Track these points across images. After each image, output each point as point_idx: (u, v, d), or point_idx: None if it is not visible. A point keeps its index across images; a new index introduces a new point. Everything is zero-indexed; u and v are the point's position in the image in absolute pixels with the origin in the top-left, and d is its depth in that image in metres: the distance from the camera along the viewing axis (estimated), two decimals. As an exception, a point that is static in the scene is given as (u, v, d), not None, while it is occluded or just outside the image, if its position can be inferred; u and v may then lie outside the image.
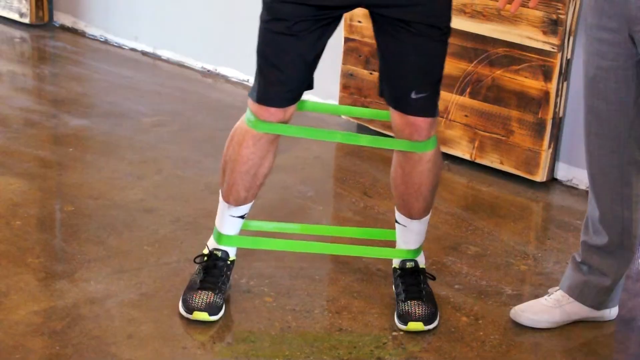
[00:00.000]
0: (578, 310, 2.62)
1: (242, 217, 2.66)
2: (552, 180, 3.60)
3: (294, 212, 3.24)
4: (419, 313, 2.56)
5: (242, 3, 4.40)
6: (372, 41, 3.83)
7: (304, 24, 2.37)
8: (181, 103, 4.25)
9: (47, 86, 4.48)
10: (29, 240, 2.97)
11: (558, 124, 3.52)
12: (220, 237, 2.67)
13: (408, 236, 2.67)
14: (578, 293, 2.61)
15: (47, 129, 3.90)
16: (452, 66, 3.65)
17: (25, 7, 5.18)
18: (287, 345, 2.50)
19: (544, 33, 3.40)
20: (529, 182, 3.57)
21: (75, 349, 2.44)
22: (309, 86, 2.52)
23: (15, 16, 5.24)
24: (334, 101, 4.10)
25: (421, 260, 2.71)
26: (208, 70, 4.66)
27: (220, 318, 2.59)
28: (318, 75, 2.53)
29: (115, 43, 5.08)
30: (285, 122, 2.52)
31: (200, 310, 2.55)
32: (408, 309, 2.57)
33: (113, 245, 2.95)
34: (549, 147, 3.51)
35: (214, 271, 2.63)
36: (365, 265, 2.92)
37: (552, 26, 3.38)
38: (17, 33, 5.16)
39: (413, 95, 2.42)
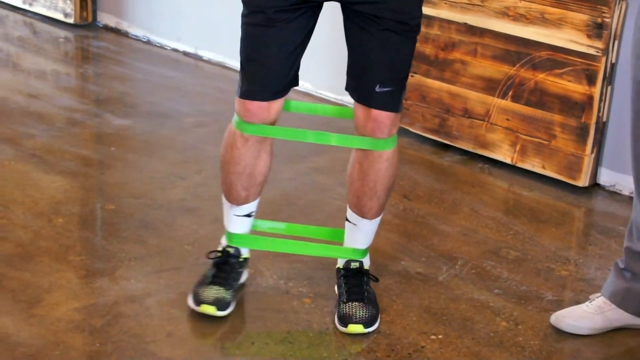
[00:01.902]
0: (620, 317, 2.59)
1: (248, 215, 2.67)
2: (595, 186, 3.56)
3: (333, 214, 3.23)
4: (359, 315, 2.55)
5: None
6: (419, 44, 3.82)
7: (282, 15, 2.38)
8: (222, 103, 4.26)
9: (90, 85, 4.52)
10: (70, 238, 3.00)
11: (601, 128, 3.48)
12: (229, 237, 2.69)
13: (357, 235, 2.66)
14: (620, 300, 2.57)
15: (90, 128, 3.94)
16: (494, 69, 3.63)
17: (69, 7, 5.23)
18: (325, 347, 2.50)
19: (589, 37, 3.37)
20: (571, 187, 3.53)
21: (115, 346, 2.45)
22: (294, 82, 2.52)
23: (59, 16, 5.30)
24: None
25: (366, 262, 2.71)
26: (249, 72, 4.67)
27: (229, 314, 2.59)
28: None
29: (158, 43, 5.11)
30: (271, 120, 2.51)
31: (208, 304, 2.56)
32: (349, 311, 2.56)
33: (153, 244, 2.97)
34: (592, 152, 3.47)
35: (225, 267, 2.66)
36: (404, 268, 2.91)
37: (597, 30, 3.34)
38: (62, 33, 5.22)
39: (377, 89, 2.43)
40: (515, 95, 3.61)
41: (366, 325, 2.54)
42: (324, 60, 4.17)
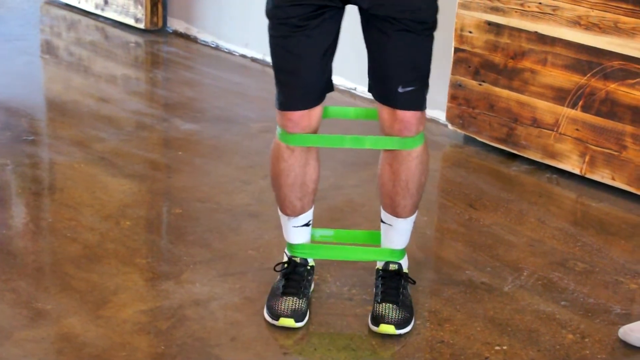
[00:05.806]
0: (691, 333, 2.53)
1: (306, 224, 2.69)
2: (666, 198, 3.49)
3: (398, 222, 3.22)
4: (392, 316, 2.54)
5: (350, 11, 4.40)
6: (483, 52, 3.80)
7: (306, 22, 2.41)
8: (289, 110, 4.27)
9: (159, 90, 4.58)
10: (137, 241, 3.04)
11: (674, 140, 3.40)
12: (292, 248, 2.70)
13: (393, 236, 2.65)
14: (691, 316, 2.52)
15: (158, 132, 3.99)
16: (564, 79, 3.58)
17: (140, 13, 5.31)
18: (389, 356, 2.49)
19: (662, 46, 3.30)
20: (641, 199, 3.47)
21: (180, 349, 2.48)
22: (329, 87, 2.54)
23: (131, 21, 5.38)
24: (441, 112, 4.06)
25: (404, 264, 2.70)
26: (316, 78, 4.68)
27: (306, 324, 2.59)
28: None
29: (226, 49, 5.15)
30: (313, 128, 2.54)
31: (286, 316, 2.56)
32: (382, 312, 2.56)
33: (218, 249, 2.99)
34: (664, 163, 3.40)
35: (294, 277, 2.66)
36: (469, 277, 2.88)
37: (671, 39, 3.28)
38: (132, 38, 5.30)
39: (400, 90, 2.44)
40: (585, 105, 3.55)
41: (398, 327, 2.54)
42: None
